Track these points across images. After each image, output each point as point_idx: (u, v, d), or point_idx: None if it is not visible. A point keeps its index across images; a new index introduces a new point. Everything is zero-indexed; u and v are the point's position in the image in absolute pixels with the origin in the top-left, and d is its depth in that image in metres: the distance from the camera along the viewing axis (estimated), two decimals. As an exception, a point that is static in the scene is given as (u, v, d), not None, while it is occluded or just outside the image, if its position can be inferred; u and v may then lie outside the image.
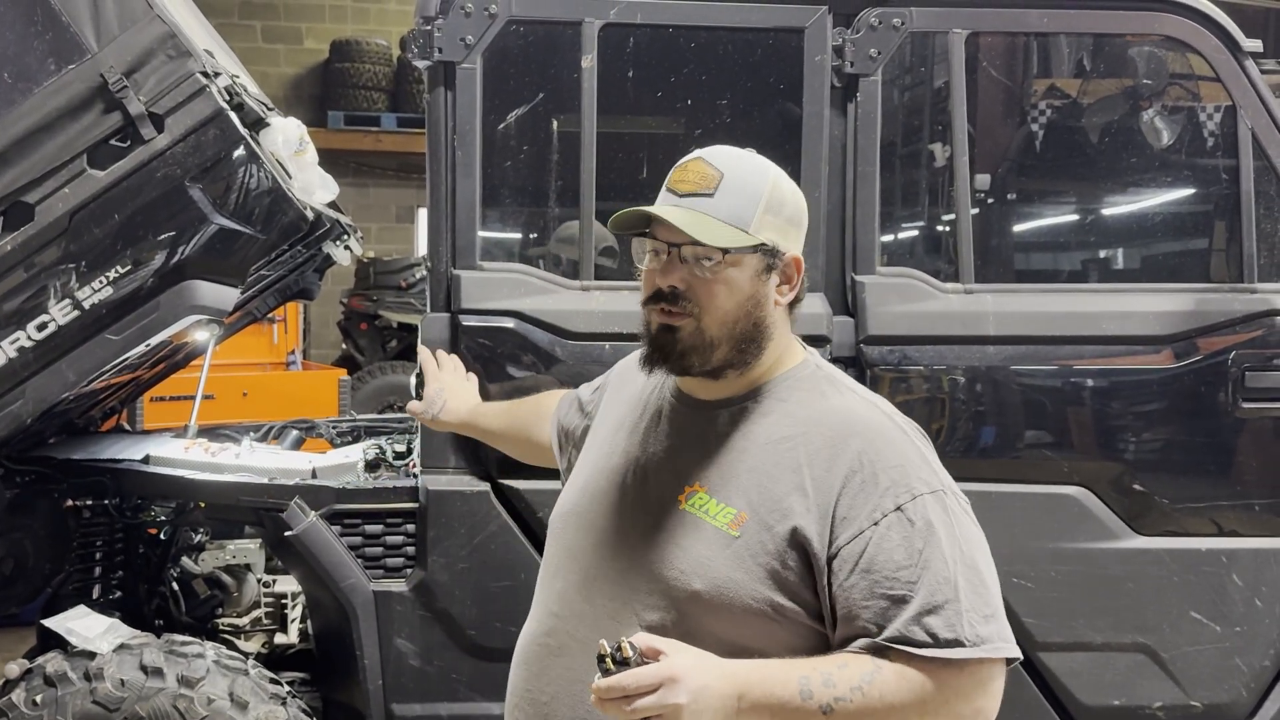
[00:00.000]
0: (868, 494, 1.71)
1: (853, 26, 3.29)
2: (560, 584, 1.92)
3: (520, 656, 1.96)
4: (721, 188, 1.81)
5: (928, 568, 1.67)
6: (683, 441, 1.88)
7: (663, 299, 1.81)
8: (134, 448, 3.69)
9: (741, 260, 1.80)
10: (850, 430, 1.77)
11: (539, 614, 1.95)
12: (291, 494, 3.26)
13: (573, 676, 1.82)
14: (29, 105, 2.89)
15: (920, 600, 1.65)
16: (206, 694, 2.98)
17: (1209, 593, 3.36)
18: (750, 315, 1.82)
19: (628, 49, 3.30)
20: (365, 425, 4.66)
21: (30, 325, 2.92)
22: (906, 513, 1.70)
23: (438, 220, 3.24)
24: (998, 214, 3.80)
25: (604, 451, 2.00)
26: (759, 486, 1.77)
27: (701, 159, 1.85)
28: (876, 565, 1.67)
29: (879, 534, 1.68)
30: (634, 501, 1.87)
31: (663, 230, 1.80)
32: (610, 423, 2.05)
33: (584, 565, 1.88)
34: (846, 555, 1.69)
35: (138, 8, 2.93)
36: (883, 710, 1.62)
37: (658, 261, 1.82)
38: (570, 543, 1.93)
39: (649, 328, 1.85)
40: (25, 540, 3.52)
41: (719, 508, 1.77)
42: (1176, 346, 3.34)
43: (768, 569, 1.73)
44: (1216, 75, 3.36)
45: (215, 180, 2.94)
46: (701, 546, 1.76)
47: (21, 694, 2.98)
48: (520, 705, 1.92)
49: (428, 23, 3.19)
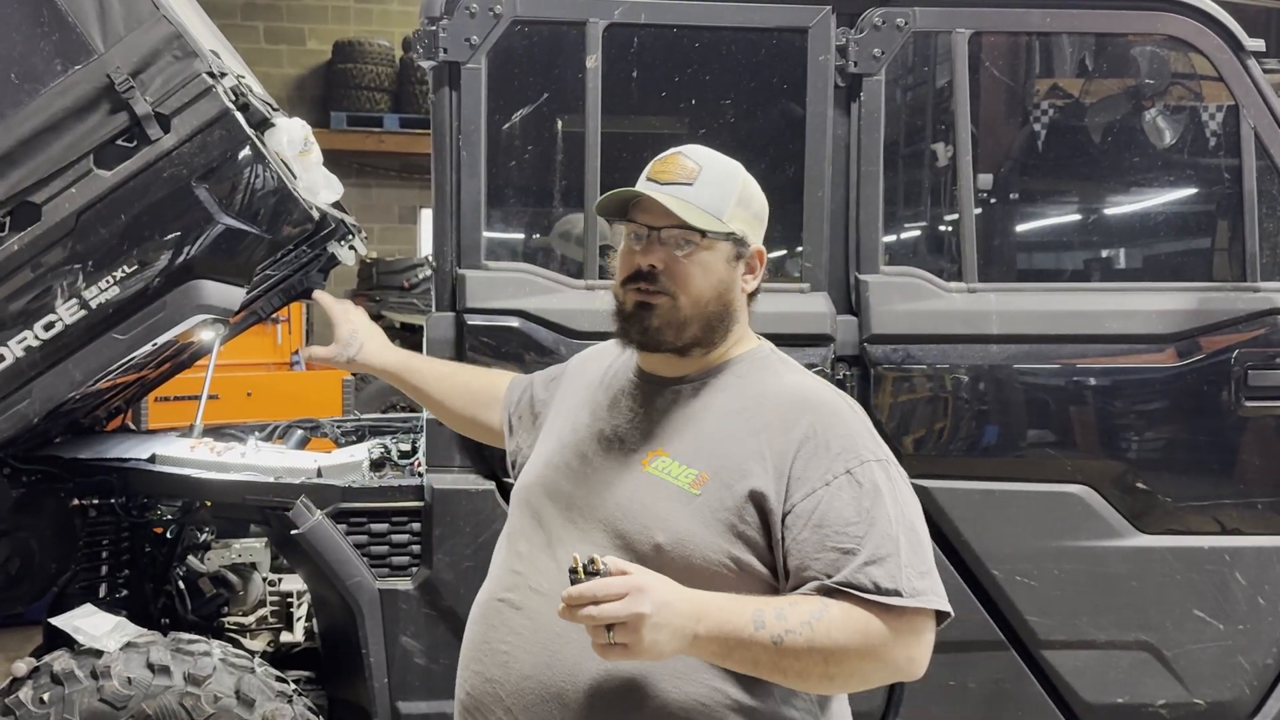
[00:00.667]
0: (820, 458, 1.84)
1: (856, 26, 3.30)
2: (524, 546, 2.01)
3: (477, 614, 2.03)
4: (700, 179, 1.94)
5: (873, 525, 1.79)
6: (646, 413, 2.00)
7: (642, 278, 1.94)
8: (140, 447, 3.70)
9: (715, 245, 1.94)
10: (805, 404, 1.91)
11: (498, 574, 2.04)
12: (297, 493, 3.28)
13: (535, 626, 1.90)
14: (36, 106, 2.89)
15: (866, 553, 1.77)
16: (213, 692, 2.99)
17: (1212, 591, 3.37)
18: (720, 298, 1.96)
19: (632, 49, 3.31)
20: (369, 425, 4.67)
21: (37, 325, 2.93)
22: (855, 475, 1.83)
23: (443, 220, 3.26)
24: (1001, 213, 3.81)
25: (567, 428, 2.11)
26: (719, 451, 1.89)
27: (681, 153, 1.98)
28: (828, 521, 1.80)
29: (830, 493, 1.81)
30: (599, 468, 1.98)
31: (643, 214, 1.94)
32: (571, 404, 2.16)
33: (549, 529, 1.98)
34: (800, 512, 1.82)
35: (144, 8, 2.93)
36: (828, 645, 1.73)
37: (638, 244, 1.95)
38: (535, 510, 2.03)
39: (624, 306, 1.98)
40: (31, 539, 3.53)
41: (681, 469, 1.89)
42: (1179, 345, 3.35)
43: (727, 524, 1.85)
44: (1219, 75, 3.37)
45: (221, 180, 2.95)
46: (664, 504, 1.87)
47: (29, 692, 2.99)
48: (477, 657, 1.98)
49: (433, 23, 3.20)
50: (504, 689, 1.91)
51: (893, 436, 3.29)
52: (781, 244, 3.57)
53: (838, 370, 3.29)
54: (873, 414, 3.28)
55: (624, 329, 1.99)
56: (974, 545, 3.31)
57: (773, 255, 3.61)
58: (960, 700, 3.37)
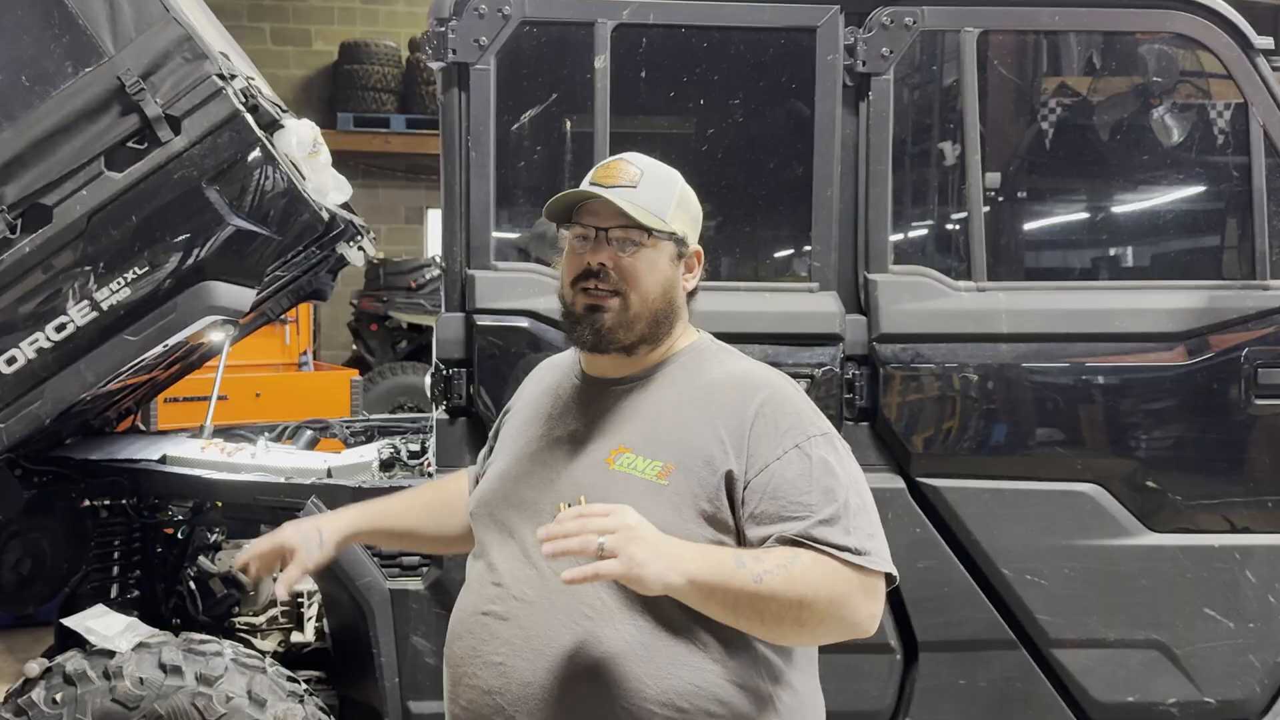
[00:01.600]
0: (770, 435, 1.94)
1: (864, 26, 3.30)
2: (497, 558, 2.04)
3: (460, 629, 2.05)
4: (643, 183, 2.03)
5: (825, 493, 1.90)
6: (600, 415, 2.06)
7: (591, 276, 2.00)
8: (150, 448, 3.71)
9: (659, 245, 2.03)
10: (753, 386, 2.00)
11: (476, 589, 2.06)
12: (308, 493, 3.29)
13: (527, 634, 1.93)
14: (47, 108, 2.91)
15: (818, 516, 1.88)
16: (225, 692, 2.99)
17: (1222, 589, 3.36)
18: (666, 294, 2.04)
19: (640, 49, 3.31)
20: (379, 425, 4.68)
21: (49, 326, 2.94)
22: (804, 449, 1.93)
23: (452, 221, 3.27)
24: (1009, 212, 3.81)
25: (520, 441, 2.15)
26: (679, 441, 1.96)
27: (623, 159, 2.08)
28: (781, 492, 1.90)
29: (781, 466, 1.91)
30: (561, 472, 2.03)
31: (590, 216, 2.02)
32: (520, 420, 2.21)
33: (520, 538, 2.01)
34: (755, 486, 1.91)
35: (154, 11, 2.94)
36: (803, 586, 1.82)
37: (584, 245, 2.02)
38: (501, 522, 2.06)
39: (573, 309, 2.03)
40: (43, 540, 3.54)
41: (645, 463, 1.95)
42: (1189, 344, 3.35)
43: (697, 509, 1.92)
44: (1228, 72, 3.36)
45: (231, 182, 2.96)
46: (634, 497, 1.90)
47: (41, 692, 3.00)
48: (470, 672, 1.99)
49: (442, 24, 3.21)
50: (505, 699, 1.93)
51: (902, 436, 3.29)
52: (790, 243, 3.58)
53: (847, 370, 3.29)
54: (882, 413, 3.29)
55: (574, 331, 2.04)
56: (984, 544, 3.31)
57: (781, 254, 3.63)
58: (971, 699, 3.37)
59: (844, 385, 3.27)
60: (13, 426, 2.97)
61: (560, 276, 2.08)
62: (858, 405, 3.29)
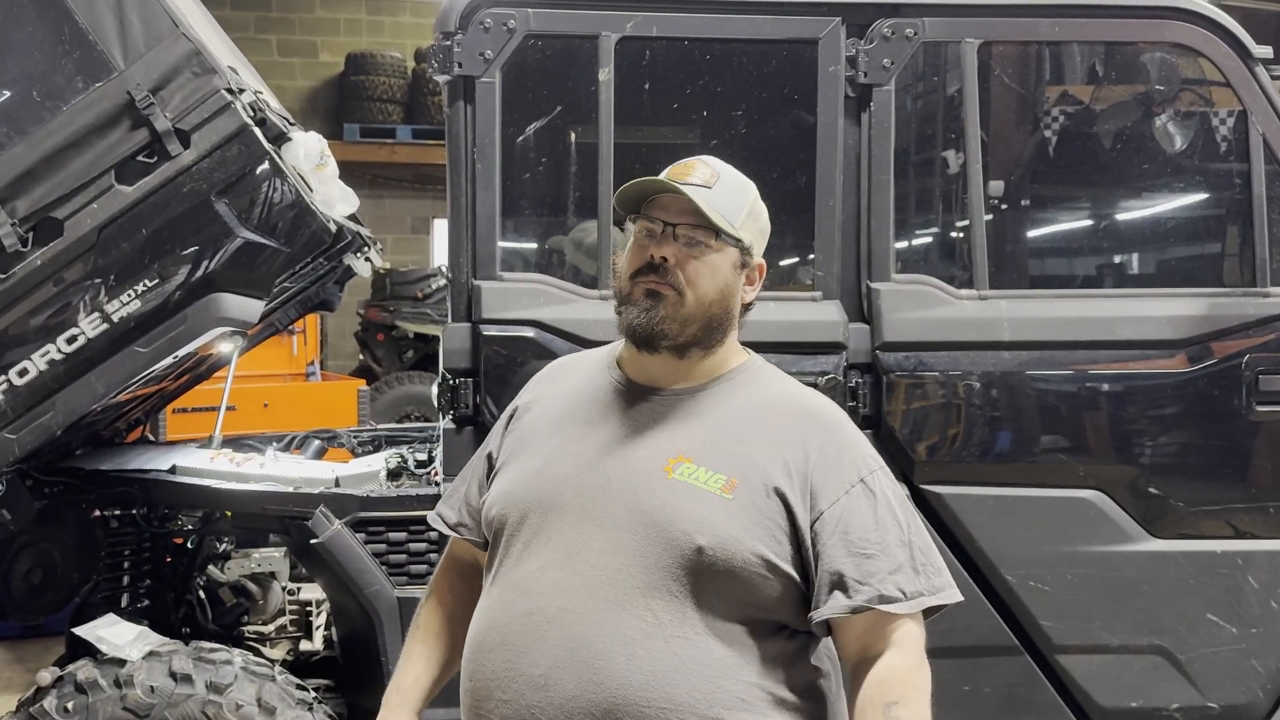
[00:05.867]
0: (835, 468, 1.92)
1: (866, 37, 3.33)
2: (533, 566, 1.92)
3: (491, 642, 1.92)
4: (718, 185, 2.00)
5: (888, 531, 1.89)
6: (651, 422, 1.99)
7: (653, 271, 1.95)
8: (160, 458, 3.74)
9: (724, 249, 1.98)
10: (812, 413, 1.99)
11: (509, 599, 1.93)
12: (316, 502, 3.31)
13: (573, 645, 1.84)
14: (57, 122, 2.94)
15: (888, 560, 1.87)
16: (235, 700, 3.02)
17: (1225, 595, 3.38)
18: (723, 301, 1.99)
19: (644, 62, 3.34)
20: (386, 435, 4.71)
21: (60, 338, 2.97)
22: (867, 484, 1.92)
23: (458, 231, 3.29)
24: (1011, 220, 3.83)
25: (554, 442, 2.03)
26: (743, 456, 1.92)
27: (701, 159, 2.04)
28: (851, 528, 1.88)
29: (849, 500, 1.90)
30: (614, 478, 1.93)
31: (660, 211, 1.98)
32: (546, 420, 2.09)
33: (562, 544, 1.91)
34: (827, 519, 1.89)
35: (163, 26, 2.97)
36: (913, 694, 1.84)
37: (650, 240, 1.97)
38: (537, 526, 1.95)
39: (631, 296, 1.98)
40: (54, 550, 3.57)
41: (709, 475, 1.90)
42: (1190, 351, 3.37)
43: (762, 527, 1.87)
44: (1227, 81, 3.38)
45: (240, 195, 2.99)
46: (700, 507, 1.87)
47: (53, 700, 3.03)
48: (503, 685, 1.88)
49: (447, 38, 3.24)
50: (546, 714, 1.84)
51: (905, 444, 3.31)
52: (793, 253, 3.60)
53: (850, 378, 3.31)
54: (885, 421, 3.31)
55: (627, 316, 1.97)
56: (987, 551, 3.32)
57: (784, 264, 3.65)
58: (974, 705, 3.38)
59: (847, 393, 3.29)
60: (24, 437, 2.99)
61: (619, 269, 2.02)
62: (861, 413, 3.31)
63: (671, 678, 1.81)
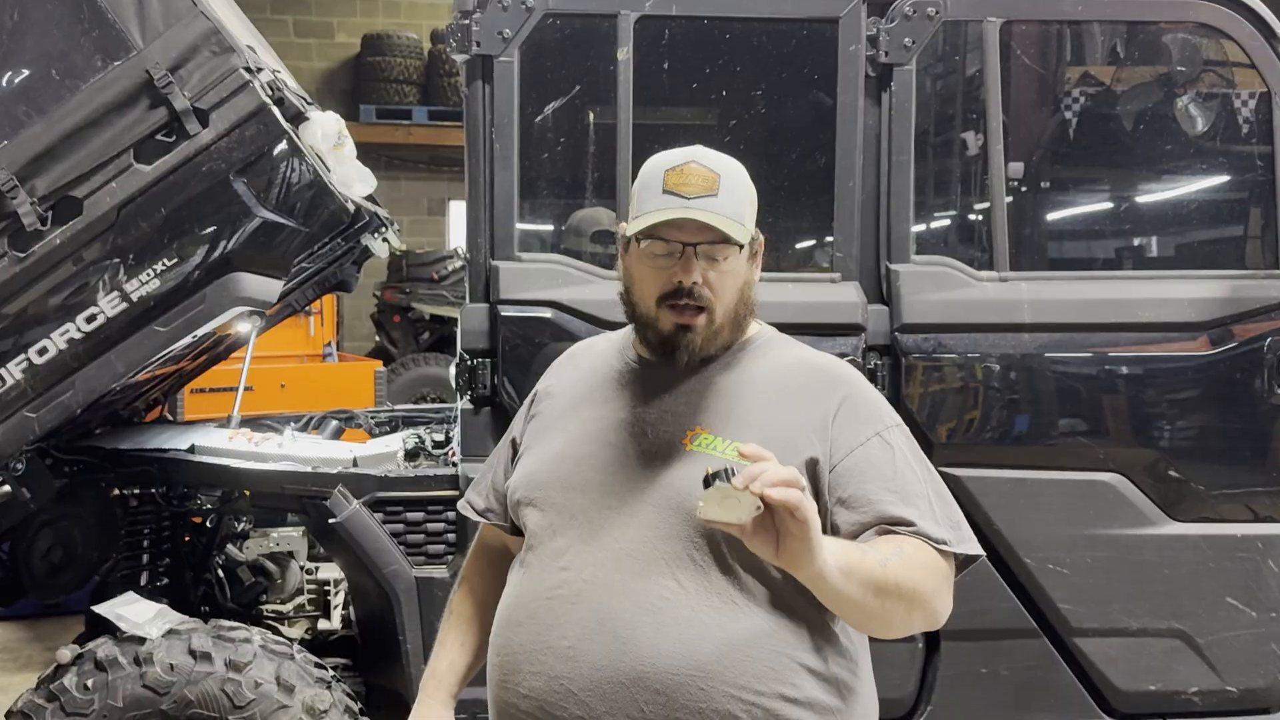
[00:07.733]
0: (853, 423, 1.93)
1: (887, 16, 3.31)
2: (560, 543, 1.95)
3: (520, 616, 1.95)
4: (722, 189, 1.93)
5: (907, 483, 1.90)
6: (670, 397, 1.99)
7: (684, 294, 1.92)
8: (179, 438, 3.75)
9: (739, 249, 1.96)
10: (831, 375, 2.01)
11: (538, 576, 1.95)
12: (334, 482, 3.32)
13: (599, 616, 1.86)
14: (76, 101, 2.94)
15: (905, 507, 1.87)
16: (254, 678, 3.03)
17: (1244, 578, 3.36)
18: (744, 296, 2.00)
19: (663, 41, 3.33)
20: (403, 415, 4.72)
21: (79, 318, 2.97)
22: (885, 437, 1.94)
23: (476, 212, 3.29)
24: (1032, 202, 3.81)
25: (573, 423, 2.06)
26: (759, 421, 1.92)
27: (696, 162, 1.95)
28: (868, 477, 1.89)
29: (866, 452, 1.91)
30: (633, 454, 1.96)
31: (674, 231, 1.91)
32: (564, 403, 2.11)
33: (587, 520, 1.93)
34: (841, 470, 1.90)
35: (182, 5, 2.97)
36: (917, 572, 1.80)
37: (669, 260, 1.92)
38: (561, 505, 1.97)
39: (660, 328, 1.95)
40: (74, 529, 3.60)
41: (725, 444, 1.90)
42: (1212, 333, 3.35)
43: None
44: (1251, 62, 3.36)
45: (259, 174, 2.99)
46: None
47: (73, 678, 3.04)
48: (532, 658, 1.90)
49: (465, 17, 3.23)
50: (575, 684, 1.85)
51: (924, 426, 3.30)
52: (812, 234, 3.58)
53: (869, 360, 3.30)
54: (904, 403, 3.30)
55: (661, 351, 1.97)
56: (1006, 533, 3.31)
57: (803, 245, 3.64)
58: (992, 688, 3.38)
59: (866, 375, 3.27)
60: (44, 416, 3.00)
61: (633, 287, 1.98)
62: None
63: (700, 645, 1.82)
